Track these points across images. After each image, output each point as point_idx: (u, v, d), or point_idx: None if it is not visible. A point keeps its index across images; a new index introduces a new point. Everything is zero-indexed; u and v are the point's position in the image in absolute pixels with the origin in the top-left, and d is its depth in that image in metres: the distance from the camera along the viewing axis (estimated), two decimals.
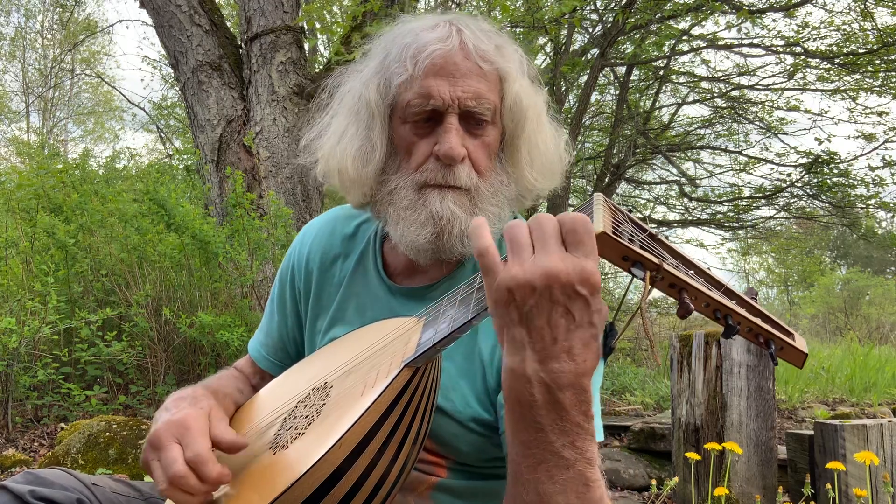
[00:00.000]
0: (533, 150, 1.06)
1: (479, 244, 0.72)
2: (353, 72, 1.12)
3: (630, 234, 0.72)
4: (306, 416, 0.88)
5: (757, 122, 10.57)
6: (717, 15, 8.59)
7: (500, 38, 1.06)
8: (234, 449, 0.89)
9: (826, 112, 12.62)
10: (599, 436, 1.01)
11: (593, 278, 0.67)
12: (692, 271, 0.72)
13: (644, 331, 0.71)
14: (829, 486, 2.25)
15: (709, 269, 0.74)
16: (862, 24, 8.32)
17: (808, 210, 10.90)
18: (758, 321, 0.72)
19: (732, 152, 11.14)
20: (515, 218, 1.14)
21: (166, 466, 0.83)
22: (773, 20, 9.13)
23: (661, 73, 10.11)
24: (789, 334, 0.74)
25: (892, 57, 8.18)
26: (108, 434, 3.22)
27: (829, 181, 9.73)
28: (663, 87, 10.75)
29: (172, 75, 7.93)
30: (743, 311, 0.71)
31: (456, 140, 0.99)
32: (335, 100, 1.13)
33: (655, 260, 0.69)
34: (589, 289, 0.68)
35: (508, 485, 0.77)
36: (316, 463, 0.76)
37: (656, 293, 0.74)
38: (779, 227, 13.22)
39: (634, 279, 0.71)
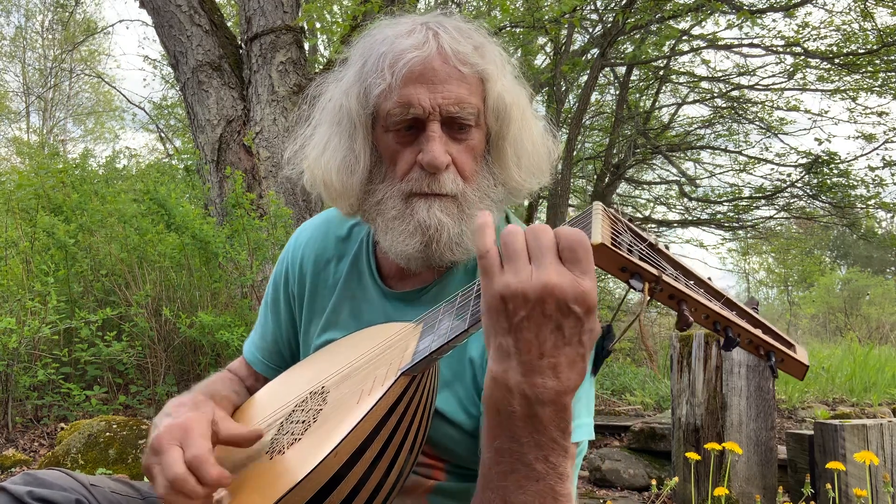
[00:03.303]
0: (519, 150, 1.05)
1: (480, 245, 0.71)
2: (332, 80, 1.11)
3: (629, 245, 0.71)
4: (303, 422, 0.87)
5: (757, 122, 10.57)
6: (717, 15, 8.59)
7: (478, 37, 1.04)
8: (250, 441, 0.88)
9: (826, 112, 12.61)
10: (590, 434, 1.00)
11: (589, 297, 0.67)
12: (692, 282, 0.71)
13: (643, 342, 0.70)
14: (829, 486, 2.25)
15: (709, 279, 0.73)
16: (862, 24, 8.31)
17: (808, 210, 10.90)
18: (758, 333, 0.71)
19: (732, 152, 11.14)
20: (508, 218, 1.14)
21: (166, 469, 0.82)
22: (773, 20, 9.15)
23: (661, 73, 10.10)
24: (790, 346, 0.73)
25: (892, 57, 8.18)
26: (108, 434, 3.22)
27: (829, 181, 9.73)
28: (663, 87, 10.75)
29: (172, 75, 7.94)
30: (743, 323, 0.70)
31: (439, 148, 0.97)
32: (316, 109, 1.12)
33: (654, 271, 0.68)
34: (583, 307, 0.67)
35: (478, 488, 0.78)
36: (312, 470, 0.75)
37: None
38: (779, 227, 13.22)
39: (629, 293, 0.71)
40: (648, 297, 0.69)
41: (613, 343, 0.88)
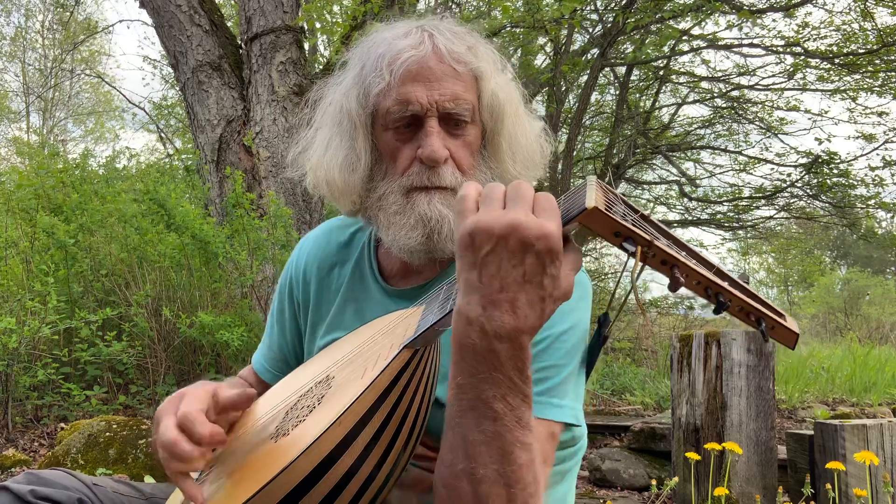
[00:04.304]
0: (514, 144, 1.09)
1: (462, 190, 0.76)
2: (332, 84, 1.15)
3: (623, 214, 0.73)
4: (308, 406, 0.89)
5: (757, 122, 10.57)
6: (717, 15, 8.59)
7: (471, 39, 1.08)
8: (245, 402, 0.96)
9: (826, 112, 12.60)
10: (576, 419, 1.00)
11: (551, 238, 0.70)
12: (684, 252, 0.73)
13: (636, 301, 0.72)
14: (829, 486, 2.26)
15: (700, 248, 0.75)
16: (862, 24, 8.32)
17: (808, 210, 10.91)
18: (749, 300, 0.72)
19: (732, 152, 11.15)
20: None
21: (161, 436, 0.87)
22: (773, 20, 9.14)
23: (661, 73, 10.11)
24: (780, 315, 0.74)
25: (892, 57, 8.18)
26: (108, 434, 3.22)
27: (828, 181, 9.73)
28: (663, 87, 10.76)
29: (172, 75, 7.94)
30: (734, 291, 0.72)
31: (437, 142, 1.01)
32: (318, 112, 1.16)
33: (647, 236, 0.70)
34: (544, 245, 0.70)
35: (444, 429, 0.81)
36: (313, 442, 0.76)
37: (653, 289, 0.74)
38: (779, 227, 13.24)
39: (628, 263, 0.72)
40: (641, 262, 0.70)
41: (609, 327, 0.90)
